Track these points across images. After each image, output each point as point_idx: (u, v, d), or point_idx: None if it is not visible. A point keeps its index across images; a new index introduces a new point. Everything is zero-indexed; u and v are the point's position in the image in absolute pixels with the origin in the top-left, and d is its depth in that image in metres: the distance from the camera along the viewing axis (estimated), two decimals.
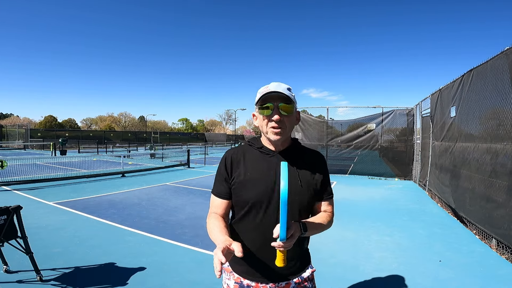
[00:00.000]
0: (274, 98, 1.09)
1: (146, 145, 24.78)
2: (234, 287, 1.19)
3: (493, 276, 2.99)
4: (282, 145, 1.19)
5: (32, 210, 5.08)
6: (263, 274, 1.14)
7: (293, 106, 1.12)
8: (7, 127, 33.01)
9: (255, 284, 1.15)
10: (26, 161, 11.25)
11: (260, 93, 1.12)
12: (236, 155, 1.21)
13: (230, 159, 1.20)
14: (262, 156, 1.19)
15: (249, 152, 1.22)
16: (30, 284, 2.60)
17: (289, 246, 0.97)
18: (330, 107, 11.27)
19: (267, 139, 1.18)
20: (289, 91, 1.11)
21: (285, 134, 1.13)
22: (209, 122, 78.48)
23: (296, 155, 1.21)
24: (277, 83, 1.13)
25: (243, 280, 1.17)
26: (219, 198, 1.20)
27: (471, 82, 4.73)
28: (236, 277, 1.19)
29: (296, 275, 1.18)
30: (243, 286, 1.17)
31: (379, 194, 7.50)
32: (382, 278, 2.94)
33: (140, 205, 5.68)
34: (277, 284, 1.15)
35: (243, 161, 1.19)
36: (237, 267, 1.20)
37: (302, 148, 1.26)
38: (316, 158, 1.24)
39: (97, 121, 64.31)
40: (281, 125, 1.10)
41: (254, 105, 1.18)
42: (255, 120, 1.21)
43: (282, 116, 1.10)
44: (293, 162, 1.17)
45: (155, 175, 10.04)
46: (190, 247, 3.62)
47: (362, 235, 4.21)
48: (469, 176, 4.67)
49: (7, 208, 2.57)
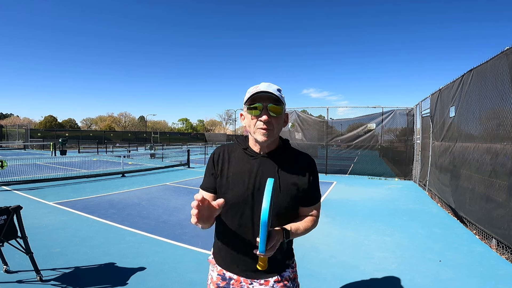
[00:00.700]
0: (264, 99, 1.07)
1: (146, 145, 24.75)
2: (217, 278, 1.23)
3: (493, 276, 2.99)
4: (268, 147, 1.16)
5: (32, 210, 5.08)
6: (242, 269, 1.17)
7: (282, 107, 1.11)
8: (7, 127, 33.00)
9: (236, 277, 1.19)
10: (26, 161, 11.26)
11: (249, 92, 1.09)
12: (223, 153, 1.22)
13: (217, 155, 1.22)
14: (246, 158, 1.18)
15: (235, 152, 1.22)
16: (30, 284, 2.60)
17: (270, 254, 1.00)
18: (330, 107, 11.28)
19: (253, 139, 1.16)
20: (279, 92, 1.10)
21: (273, 136, 1.11)
22: (209, 122, 78.46)
23: (281, 158, 1.17)
24: (267, 83, 1.11)
25: (225, 272, 1.21)
26: (206, 192, 1.21)
27: (471, 82, 4.73)
28: (219, 269, 1.23)
29: (275, 273, 1.18)
30: (225, 278, 1.21)
31: (379, 194, 7.50)
32: (382, 278, 2.94)
33: (140, 205, 5.68)
34: (256, 280, 1.17)
35: (228, 160, 1.20)
36: (220, 260, 1.24)
37: (291, 150, 1.22)
38: (303, 162, 1.20)
39: (97, 121, 64.31)
40: (269, 126, 1.08)
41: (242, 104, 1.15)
42: (243, 120, 1.18)
43: (270, 117, 1.08)
44: (277, 165, 1.15)
45: (155, 175, 10.04)
46: (190, 247, 3.62)
47: (362, 235, 4.21)
48: (469, 176, 4.67)
49: (7, 208, 2.57)
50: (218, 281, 1.22)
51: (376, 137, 10.81)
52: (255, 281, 1.17)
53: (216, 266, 1.25)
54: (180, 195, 6.73)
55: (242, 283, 1.18)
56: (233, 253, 1.18)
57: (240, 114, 1.21)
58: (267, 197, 0.90)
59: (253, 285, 1.18)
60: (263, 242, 0.93)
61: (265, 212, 0.88)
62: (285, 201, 1.13)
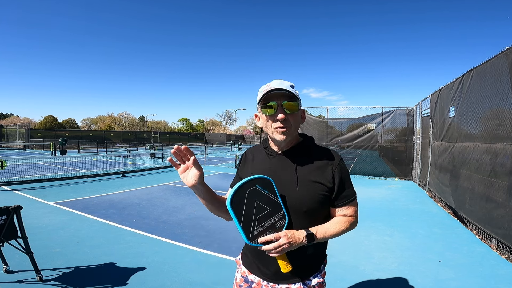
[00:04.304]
0: (277, 96, 1.03)
1: (146, 145, 24.77)
2: (240, 280, 1.23)
3: (493, 276, 2.99)
4: (287, 145, 1.12)
5: (32, 210, 5.08)
6: (263, 272, 1.14)
7: (297, 103, 1.06)
8: (7, 127, 33.00)
9: (258, 281, 1.16)
10: (26, 161, 11.26)
11: (261, 91, 1.05)
12: (250, 153, 1.26)
13: (244, 155, 1.27)
14: (266, 157, 1.17)
15: (259, 152, 1.23)
16: (30, 284, 2.60)
17: (280, 252, 0.97)
18: (330, 107, 11.29)
19: (272, 139, 1.13)
20: (293, 89, 1.06)
21: (291, 134, 1.07)
22: (209, 122, 78.48)
23: (300, 155, 1.12)
24: (279, 80, 1.06)
25: (248, 274, 1.20)
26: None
27: (471, 82, 4.73)
28: (243, 270, 1.22)
29: (297, 279, 1.10)
30: (248, 280, 1.20)
31: (379, 194, 7.50)
32: (382, 278, 2.94)
33: (140, 205, 5.68)
34: (278, 285, 1.12)
35: (252, 160, 1.22)
36: (244, 259, 1.23)
37: (314, 147, 1.16)
38: (326, 158, 1.12)
39: (97, 121, 64.31)
40: (286, 124, 1.04)
41: (256, 104, 1.11)
42: (258, 121, 1.14)
43: (286, 115, 1.03)
44: (295, 161, 1.10)
45: (155, 175, 10.03)
46: (190, 247, 3.62)
47: (362, 235, 4.21)
48: (469, 176, 4.67)
49: (7, 208, 2.57)
50: (241, 283, 1.21)
51: (376, 137, 10.81)
52: (276, 287, 1.12)
53: (241, 267, 1.24)
54: (180, 195, 6.73)
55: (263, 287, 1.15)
56: (254, 254, 1.15)
57: (255, 115, 1.16)
58: (236, 185, 0.96)
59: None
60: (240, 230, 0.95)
61: (228, 198, 0.94)
62: (306, 201, 1.06)
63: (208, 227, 4.35)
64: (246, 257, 1.22)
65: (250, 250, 1.18)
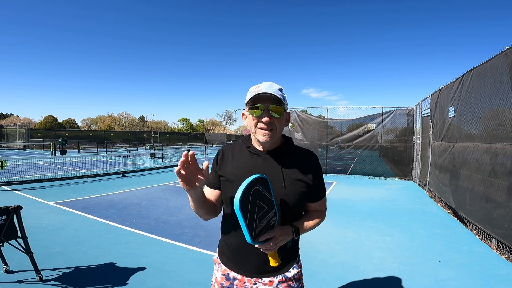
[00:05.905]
0: (265, 99, 1.07)
1: (146, 145, 24.75)
2: (221, 278, 1.23)
3: (493, 276, 3.00)
4: (271, 146, 1.16)
5: (32, 210, 5.08)
6: (246, 268, 1.18)
7: (283, 108, 1.11)
8: (7, 127, 32.98)
9: (240, 277, 1.19)
10: (26, 161, 11.26)
11: (250, 92, 1.09)
12: (227, 151, 1.25)
13: (221, 153, 1.25)
14: (249, 156, 1.19)
15: (239, 150, 1.23)
16: (30, 284, 2.60)
17: (273, 249, 1.02)
18: (330, 107, 11.29)
19: (256, 139, 1.16)
20: (281, 92, 1.10)
21: (275, 136, 1.11)
22: (209, 122, 78.45)
23: (284, 155, 1.17)
24: (269, 83, 1.10)
25: (229, 272, 1.21)
26: (208, 187, 1.24)
27: (471, 82, 4.73)
28: (223, 268, 1.24)
29: (279, 273, 1.18)
30: (229, 278, 1.21)
31: (379, 194, 7.50)
32: (382, 278, 2.94)
33: (140, 205, 5.68)
34: (260, 280, 1.17)
35: (232, 158, 1.21)
36: (224, 259, 1.24)
37: (293, 148, 1.22)
38: (307, 158, 1.20)
39: (97, 121, 64.29)
40: (271, 127, 1.08)
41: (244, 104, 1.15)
42: (244, 120, 1.19)
43: (272, 118, 1.08)
44: (280, 162, 1.15)
45: (155, 175, 10.04)
46: (190, 247, 3.62)
47: (362, 235, 4.21)
48: (469, 176, 4.67)
49: (7, 208, 2.57)
50: (222, 281, 1.22)
51: (376, 137, 10.81)
52: (259, 281, 1.17)
53: (220, 266, 1.25)
54: (180, 195, 6.73)
55: (246, 283, 1.18)
56: (236, 251, 1.19)
57: (242, 113, 1.21)
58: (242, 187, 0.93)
59: (257, 285, 1.17)
60: (245, 231, 0.94)
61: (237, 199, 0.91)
62: (292, 198, 1.13)
63: (208, 227, 4.35)
64: (224, 255, 1.24)
65: (231, 247, 1.21)
